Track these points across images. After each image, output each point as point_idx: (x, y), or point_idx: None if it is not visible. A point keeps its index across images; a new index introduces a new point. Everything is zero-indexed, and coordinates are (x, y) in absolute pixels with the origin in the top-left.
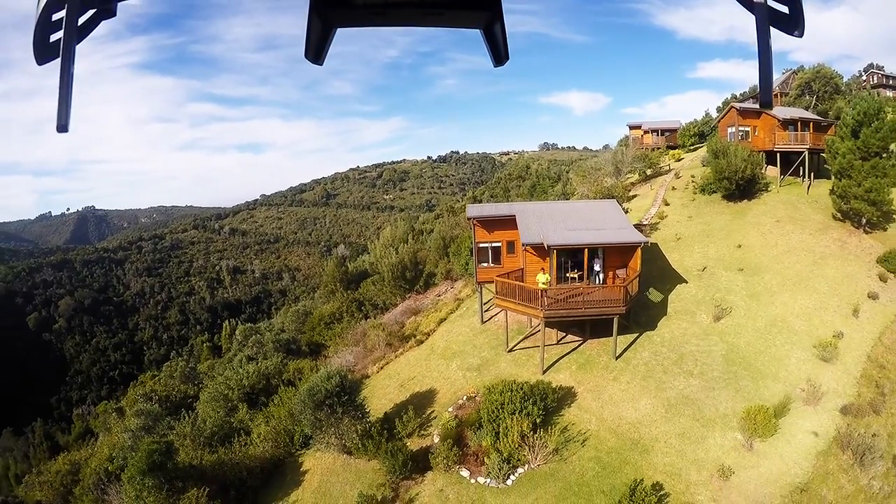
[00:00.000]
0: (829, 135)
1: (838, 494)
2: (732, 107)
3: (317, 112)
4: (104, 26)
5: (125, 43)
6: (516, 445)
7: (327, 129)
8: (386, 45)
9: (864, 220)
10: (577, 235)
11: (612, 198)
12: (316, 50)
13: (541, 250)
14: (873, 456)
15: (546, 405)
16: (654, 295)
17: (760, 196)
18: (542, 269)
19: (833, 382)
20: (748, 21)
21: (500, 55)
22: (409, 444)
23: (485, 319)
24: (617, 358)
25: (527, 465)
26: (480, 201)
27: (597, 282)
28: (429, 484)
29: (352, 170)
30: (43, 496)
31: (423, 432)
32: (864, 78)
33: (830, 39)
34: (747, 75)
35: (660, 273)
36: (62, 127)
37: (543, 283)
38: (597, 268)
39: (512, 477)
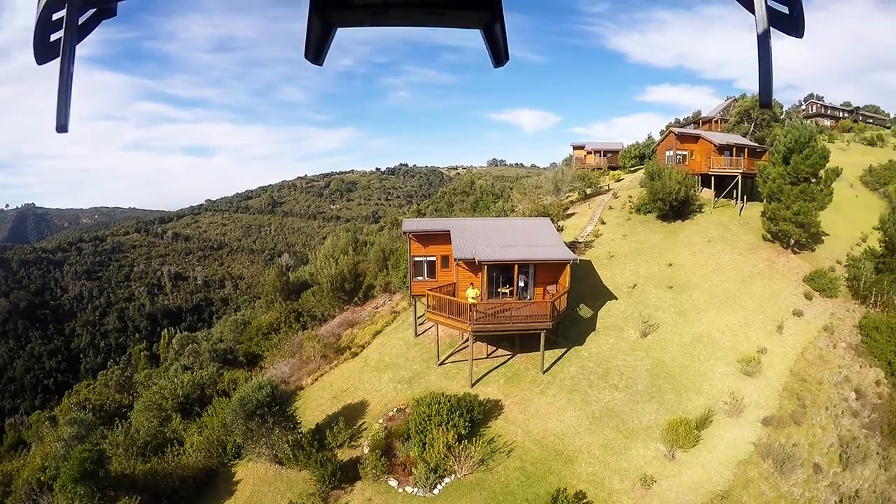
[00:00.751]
0: (763, 160)
1: (759, 500)
2: (671, 131)
3: (267, 118)
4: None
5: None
6: (442, 456)
7: (277, 135)
8: (341, 54)
9: (792, 241)
10: (508, 252)
11: (547, 216)
12: (316, 50)
13: (473, 265)
14: (793, 464)
15: (472, 417)
16: (584, 311)
17: (694, 217)
18: (472, 283)
19: (755, 395)
20: (697, 48)
21: (500, 55)
22: (339, 454)
23: (419, 333)
24: (544, 372)
25: (453, 475)
26: (424, 214)
27: (526, 297)
28: (358, 493)
29: (299, 178)
30: None
31: (353, 443)
32: (803, 107)
33: (776, 70)
34: (694, 101)
35: (591, 290)
36: (62, 127)
37: (473, 298)
38: (521, 283)
39: (439, 486)
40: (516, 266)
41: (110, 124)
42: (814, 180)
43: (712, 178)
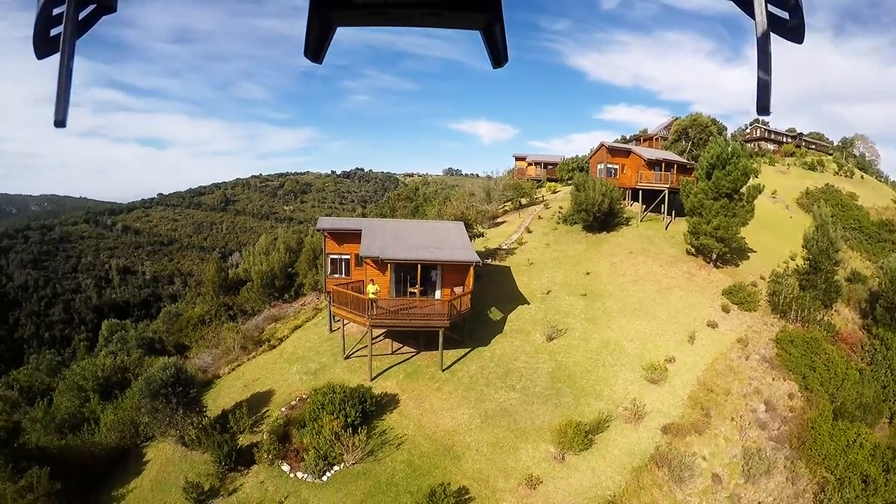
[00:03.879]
0: (691, 177)
1: None
2: (602, 144)
3: (225, 113)
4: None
5: (28, 14)
6: (329, 443)
7: (235, 131)
8: (301, 52)
9: (714, 256)
10: (413, 252)
11: (462, 221)
12: (315, 49)
13: (380, 264)
14: (691, 473)
15: (364, 408)
16: (495, 314)
17: (620, 229)
18: (372, 280)
19: (658, 403)
20: (656, 70)
21: (499, 56)
22: (241, 439)
23: (333, 329)
24: (444, 370)
25: (342, 464)
26: (366, 217)
27: (433, 297)
28: (252, 476)
29: (254, 177)
30: None
31: (255, 429)
32: (748, 131)
33: (730, 95)
34: (650, 121)
35: (506, 294)
36: (60, 122)
37: (373, 294)
38: (429, 283)
39: (328, 473)
40: (419, 266)
41: None
42: (735, 196)
43: (640, 192)
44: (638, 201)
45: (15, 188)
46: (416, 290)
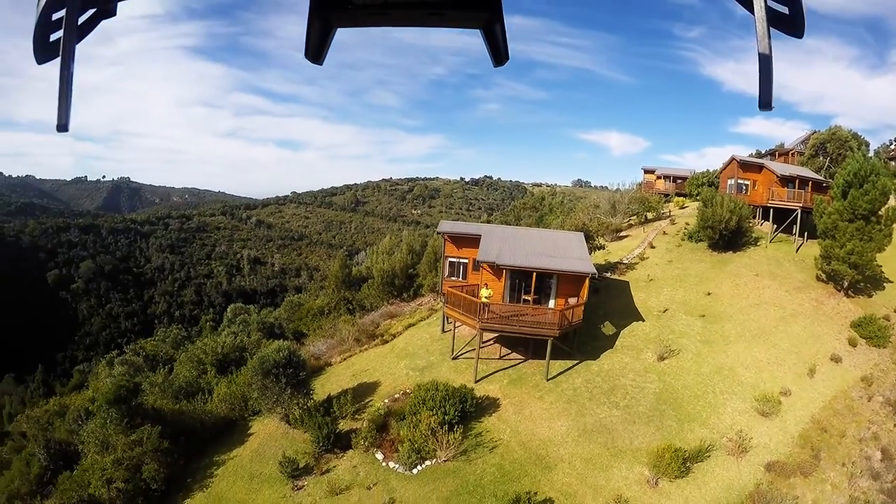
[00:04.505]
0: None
1: None
2: (734, 158)
3: (358, 118)
4: (162, 4)
5: (181, 25)
6: (424, 438)
7: (367, 136)
8: (433, 61)
9: (846, 283)
10: (529, 259)
11: (583, 232)
12: (315, 50)
13: (496, 269)
14: None
15: (464, 408)
16: (608, 328)
17: (747, 249)
18: (486, 284)
19: (766, 438)
20: (795, 80)
21: (500, 55)
22: (341, 424)
23: (445, 329)
24: (549, 379)
25: (434, 460)
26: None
27: (546, 306)
28: (346, 460)
29: (384, 180)
30: (28, 429)
31: (357, 417)
32: (893, 147)
33: (875, 107)
34: (787, 135)
35: (621, 309)
36: (62, 126)
37: (486, 298)
38: (544, 292)
39: (419, 467)
40: (534, 273)
41: (208, 111)
42: (873, 219)
43: (771, 210)
44: (769, 220)
45: (159, 180)
46: (529, 298)
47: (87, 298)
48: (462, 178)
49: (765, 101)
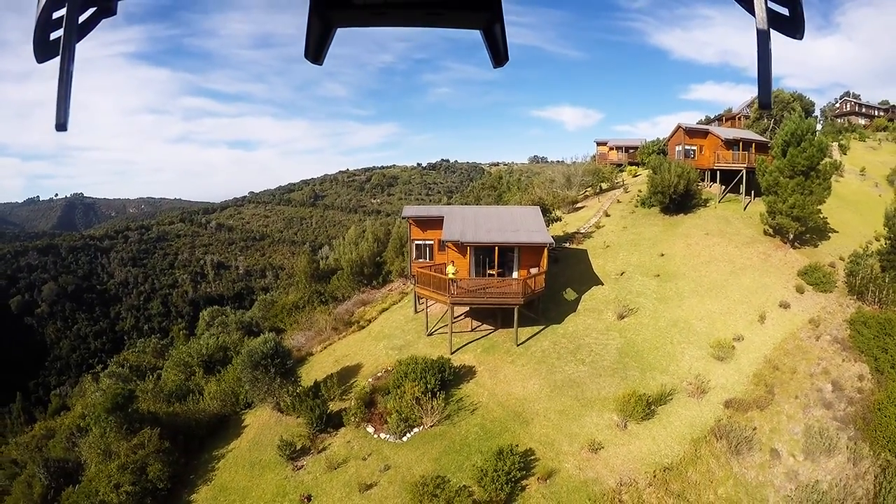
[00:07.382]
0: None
1: (705, 477)
2: (679, 126)
3: (309, 113)
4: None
5: (120, 31)
6: (409, 407)
7: (319, 130)
8: (381, 49)
9: (791, 236)
10: (491, 235)
11: (540, 206)
12: (315, 50)
13: (461, 247)
14: (749, 447)
15: (443, 377)
16: (569, 294)
17: (697, 211)
18: (452, 262)
19: (723, 379)
20: (743, 44)
21: (499, 56)
22: (331, 406)
23: (418, 310)
24: (519, 345)
25: (421, 426)
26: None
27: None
28: (340, 437)
29: (341, 172)
30: (18, 455)
31: (344, 397)
32: (837, 105)
33: (823, 67)
34: (738, 98)
35: (581, 276)
36: (61, 126)
37: (452, 274)
38: (507, 265)
39: (408, 434)
40: (496, 248)
41: (156, 118)
42: (812, 174)
43: (718, 173)
44: (717, 182)
45: (113, 193)
46: (494, 272)
47: (52, 322)
48: (419, 164)
49: (764, 102)
